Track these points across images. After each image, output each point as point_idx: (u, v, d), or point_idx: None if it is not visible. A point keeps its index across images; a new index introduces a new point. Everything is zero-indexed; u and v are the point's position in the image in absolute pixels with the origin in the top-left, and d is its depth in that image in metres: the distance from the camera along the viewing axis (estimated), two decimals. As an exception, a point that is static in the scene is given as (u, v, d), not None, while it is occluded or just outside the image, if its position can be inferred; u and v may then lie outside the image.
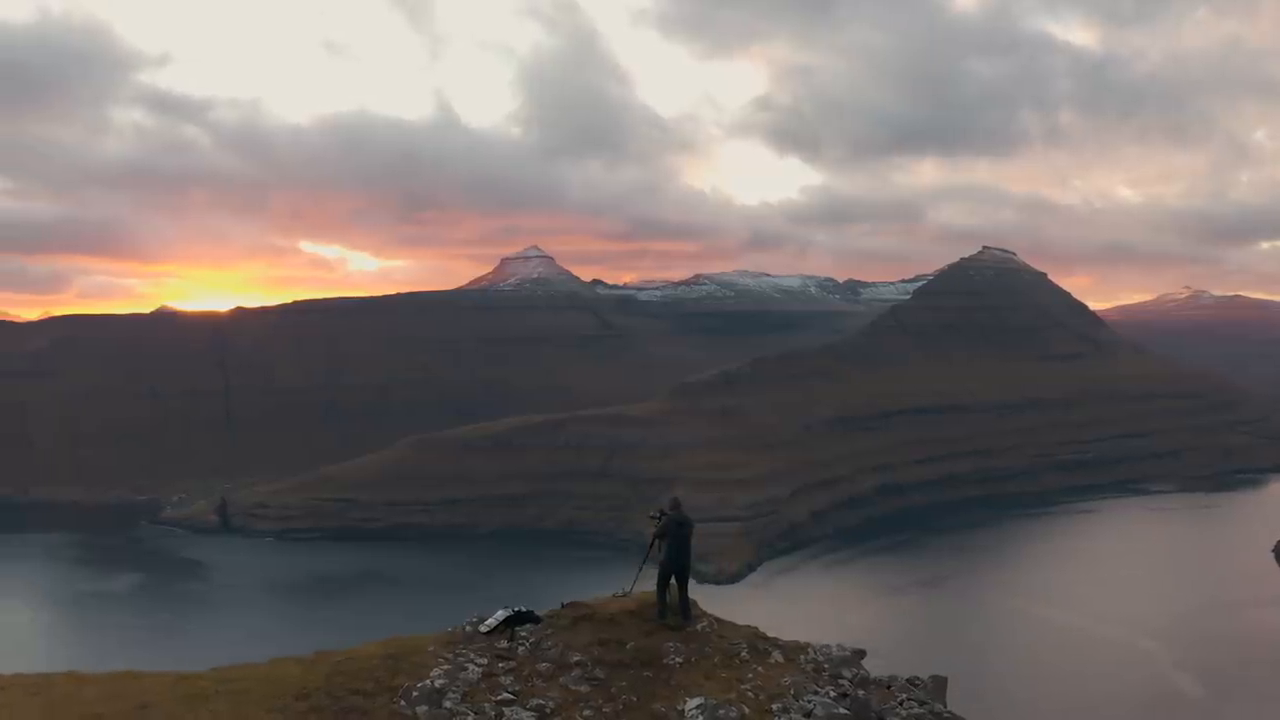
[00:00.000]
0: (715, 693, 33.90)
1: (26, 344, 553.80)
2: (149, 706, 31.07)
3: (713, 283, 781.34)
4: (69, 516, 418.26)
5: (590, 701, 33.25)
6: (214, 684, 32.99)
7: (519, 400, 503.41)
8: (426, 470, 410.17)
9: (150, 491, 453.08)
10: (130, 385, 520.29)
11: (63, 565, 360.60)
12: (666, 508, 41.16)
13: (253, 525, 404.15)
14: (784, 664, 36.90)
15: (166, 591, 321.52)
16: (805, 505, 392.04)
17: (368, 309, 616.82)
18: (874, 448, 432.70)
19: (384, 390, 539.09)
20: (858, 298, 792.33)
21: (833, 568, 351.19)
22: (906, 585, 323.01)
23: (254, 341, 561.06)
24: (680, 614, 39.09)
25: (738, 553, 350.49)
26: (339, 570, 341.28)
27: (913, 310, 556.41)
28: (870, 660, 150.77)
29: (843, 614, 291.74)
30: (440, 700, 32.24)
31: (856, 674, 36.70)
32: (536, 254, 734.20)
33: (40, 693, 32.53)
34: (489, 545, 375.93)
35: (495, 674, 34.26)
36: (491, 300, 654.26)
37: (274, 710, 31.12)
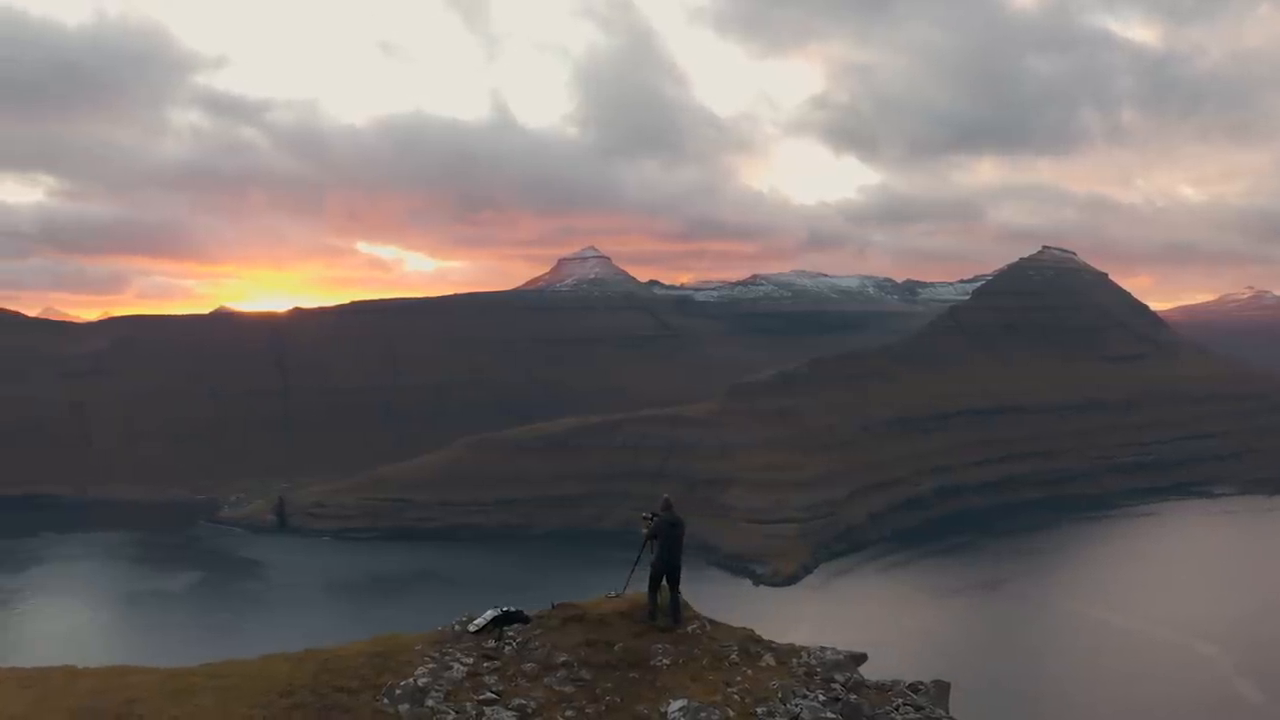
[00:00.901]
0: (700, 695, 33.55)
1: (86, 344, 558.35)
2: (137, 701, 31.31)
3: (770, 283, 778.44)
4: (128, 516, 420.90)
5: (573, 702, 32.97)
6: (203, 679, 33.14)
7: (575, 401, 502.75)
8: (483, 471, 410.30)
9: (208, 491, 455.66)
10: (189, 385, 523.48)
11: (122, 564, 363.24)
12: (659, 508, 40.38)
13: (310, 525, 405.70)
14: (775, 667, 36.28)
15: (224, 590, 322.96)
16: (862, 507, 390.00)
17: (424, 309, 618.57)
18: (932, 449, 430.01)
19: (441, 391, 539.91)
20: (916, 298, 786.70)
21: (890, 570, 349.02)
22: (964, 588, 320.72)
23: (311, 342, 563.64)
24: (671, 615, 38.44)
25: (794, 554, 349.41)
26: (395, 570, 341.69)
27: (971, 311, 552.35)
28: (922, 664, 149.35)
29: (899, 617, 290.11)
30: (423, 699, 32.16)
31: (850, 678, 36.02)
32: (593, 254, 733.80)
33: (33, 686, 32.94)
34: (545, 545, 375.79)
35: (480, 673, 34.05)
36: (548, 301, 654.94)
37: (257, 706, 31.17)
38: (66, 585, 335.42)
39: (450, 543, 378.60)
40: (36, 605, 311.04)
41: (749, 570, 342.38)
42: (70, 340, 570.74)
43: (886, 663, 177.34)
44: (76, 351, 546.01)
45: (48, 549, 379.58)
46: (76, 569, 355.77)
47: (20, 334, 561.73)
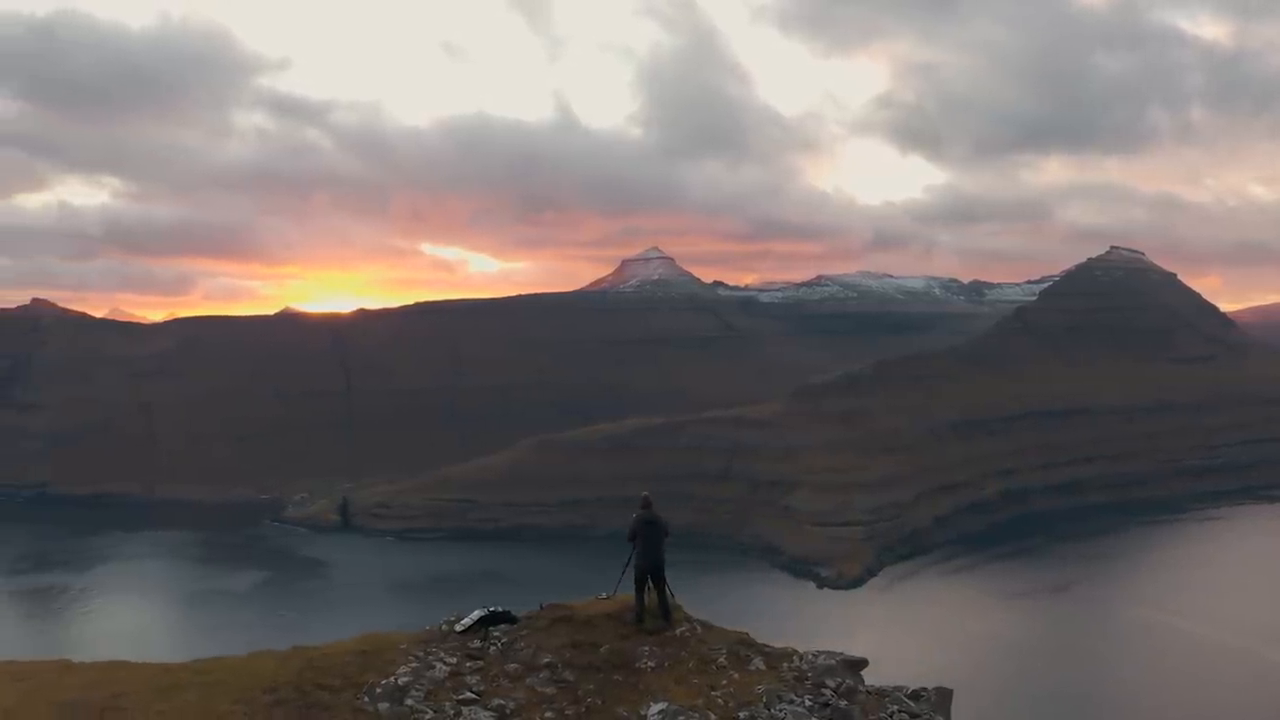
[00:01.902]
0: (683, 698, 33.19)
1: (153, 345, 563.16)
2: (123, 695, 31.54)
3: (835, 283, 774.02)
4: (194, 515, 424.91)
5: (554, 703, 32.74)
6: (191, 676, 33.38)
7: (638, 402, 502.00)
8: (546, 471, 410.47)
9: (273, 491, 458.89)
10: (254, 386, 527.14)
11: (188, 563, 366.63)
12: (639, 507, 39.86)
13: (373, 525, 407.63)
14: (764, 671, 35.55)
15: (289, 589, 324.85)
16: (927, 510, 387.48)
17: (488, 310, 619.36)
18: (998, 452, 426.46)
19: (504, 392, 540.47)
20: (982, 299, 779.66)
21: (954, 574, 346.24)
22: (1029, 592, 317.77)
23: (376, 343, 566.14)
24: (660, 617, 37.87)
25: (858, 557, 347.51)
26: (459, 570, 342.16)
27: (1038, 312, 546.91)
28: (983, 668, 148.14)
29: (963, 621, 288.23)
30: (402, 698, 32.09)
31: (842, 683, 35.15)
32: (657, 255, 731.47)
33: (25, 679, 33.25)
34: (608, 546, 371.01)
35: (462, 673, 33.94)
36: (611, 302, 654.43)
37: (239, 702, 31.29)
38: (133, 583, 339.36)
39: (513, 543, 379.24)
40: (104, 603, 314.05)
41: (812, 573, 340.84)
42: (137, 341, 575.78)
43: (945, 667, 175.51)
44: (143, 352, 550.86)
45: (115, 547, 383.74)
46: (143, 567, 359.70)
47: (88, 335, 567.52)
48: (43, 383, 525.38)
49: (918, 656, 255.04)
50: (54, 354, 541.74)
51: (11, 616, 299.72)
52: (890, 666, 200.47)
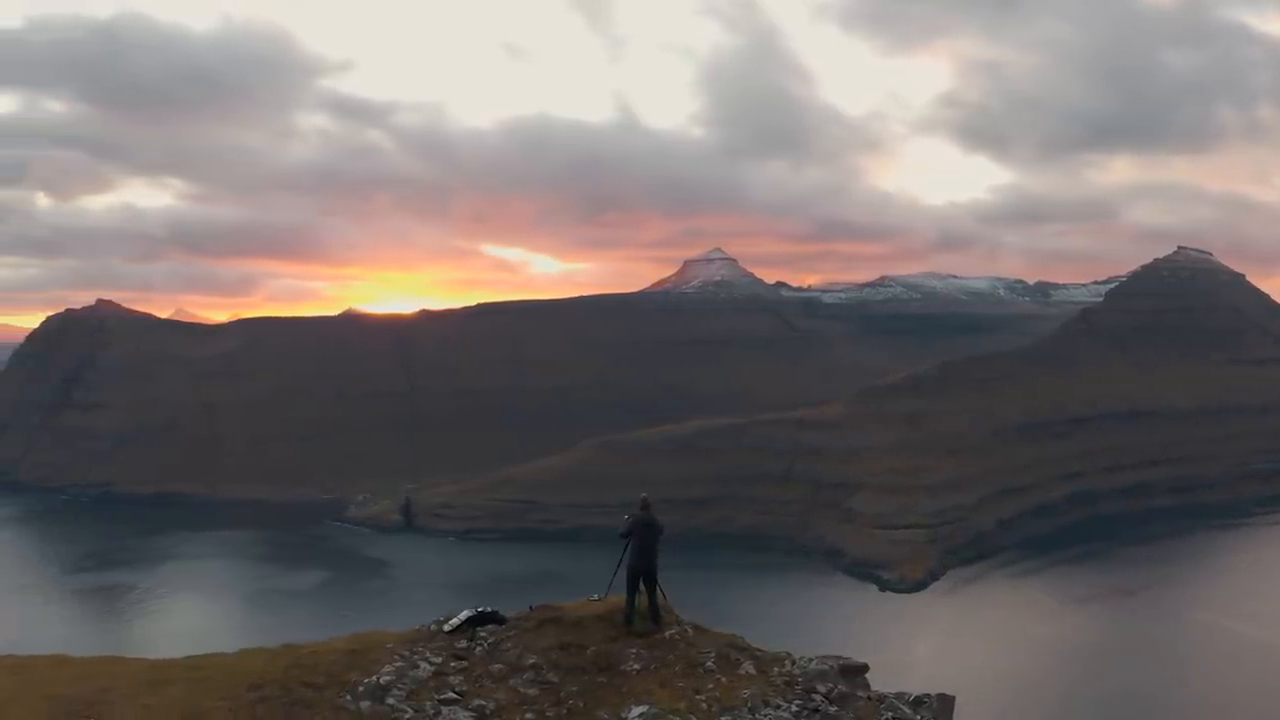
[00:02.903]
0: (667, 701, 32.76)
1: (216, 346, 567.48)
2: (111, 690, 32.06)
3: (899, 284, 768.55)
4: (257, 515, 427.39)
5: (535, 705, 32.57)
6: (180, 671, 33.78)
7: (701, 403, 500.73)
8: (608, 472, 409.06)
9: (335, 491, 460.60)
10: (317, 386, 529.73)
11: (251, 562, 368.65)
12: (637, 508, 39.83)
13: (435, 525, 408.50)
14: (753, 675, 35.05)
15: (351, 589, 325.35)
16: (992, 513, 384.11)
17: (550, 311, 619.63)
18: (1064, 454, 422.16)
19: (566, 392, 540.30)
20: (1048, 300, 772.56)
21: (1019, 578, 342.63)
22: (1094, 596, 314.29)
23: (438, 343, 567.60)
24: (650, 620, 37.43)
25: (921, 560, 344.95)
26: (520, 570, 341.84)
27: (1104, 313, 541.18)
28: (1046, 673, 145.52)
29: (1028, 625, 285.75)
30: (384, 697, 32.14)
31: (833, 689, 34.41)
32: (719, 256, 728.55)
33: (19, 672, 33.84)
34: (669, 548, 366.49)
35: (446, 673, 33.90)
36: (673, 303, 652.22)
37: (224, 699, 31.55)
38: (197, 582, 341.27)
39: (574, 544, 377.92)
40: (169, 602, 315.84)
41: (875, 576, 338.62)
42: (200, 341, 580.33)
43: (1008, 671, 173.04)
44: (207, 353, 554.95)
45: (178, 547, 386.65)
46: (207, 567, 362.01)
47: (152, 335, 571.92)
48: (107, 383, 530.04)
49: (981, 660, 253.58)
50: (118, 355, 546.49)
51: (77, 614, 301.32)
52: (949, 670, 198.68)
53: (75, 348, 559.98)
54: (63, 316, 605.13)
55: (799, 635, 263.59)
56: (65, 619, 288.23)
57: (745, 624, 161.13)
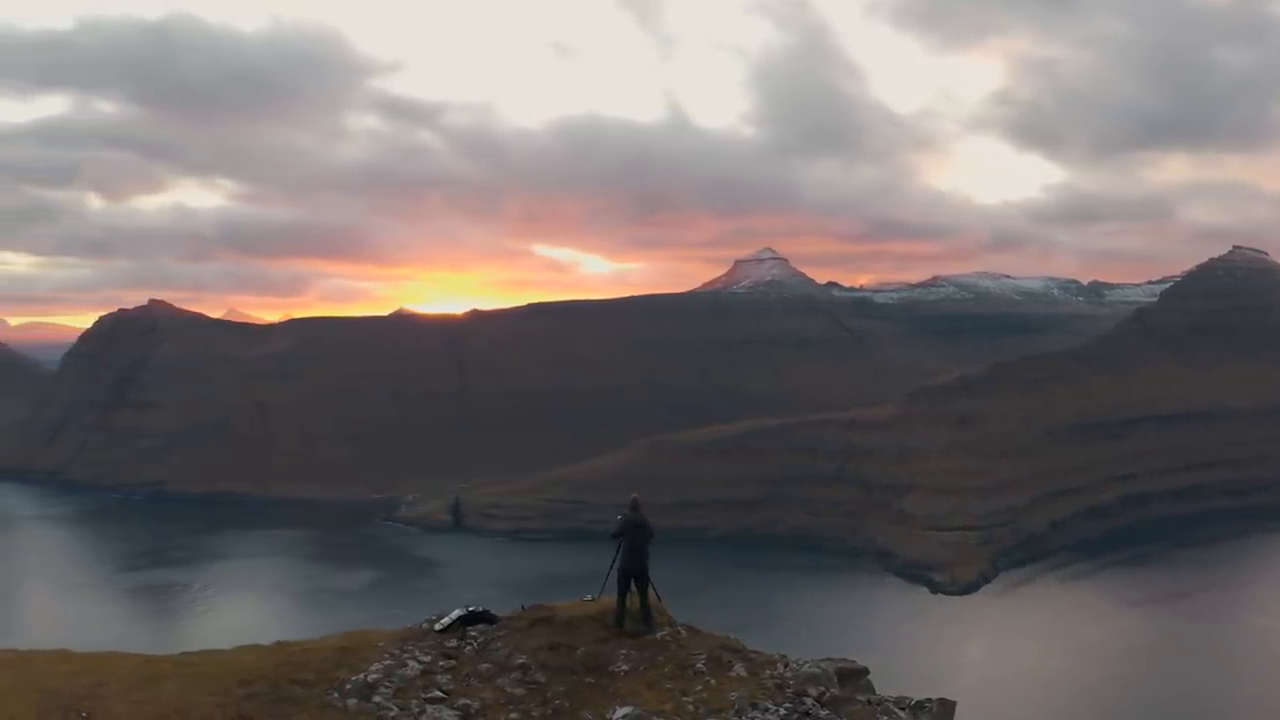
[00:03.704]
0: (653, 703, 32.52)
1: (268, 345, 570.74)
2: (106, 684, 32.16)
3: (951, 284, 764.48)
4: (308, 514, 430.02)
5: (521, 704, 32.37)
6: (173, 667, 33.98)
7: (752, 404, 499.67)
8: (658, 473, 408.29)
9: (386, 490, 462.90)
10: (368, 386, 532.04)
11: (302, 561, 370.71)
12: (628, 508, 39.53)
13: (485, 525, 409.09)
14: (744, 678, 34.56)
15: (401, 588, 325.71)
16: (1044, 514, 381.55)
17: (601, 311, 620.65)
18: (1117, 456, 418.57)
19: (616, 393, 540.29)
20: (1101, 300, 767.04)
21: (1071, 580, 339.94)
22: (1147, 600, 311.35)
23: (489, 343, 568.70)
24: (642, 621, 37.15)
25: (972, 562, 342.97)
26: (569, 570, 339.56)
27: (1159, 312, 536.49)
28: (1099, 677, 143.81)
29: (1081, 628, 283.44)
30: (370, 695, 32.10)
31: (824, 692, 33.84)
32: (770, 256, 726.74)
33: (18, 667, 34.11)
34: (719, 549, 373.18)
35: (434, 672, 33.84)
36: (724, 303, 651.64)
37: (215, 694, 31.61)
38: (249, 580, 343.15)
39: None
40: (220, 600, 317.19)
41: (926, 578, 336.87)
42: (252, 341, 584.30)
43: (1062, 674, 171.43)
44: (259, 353, 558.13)
45: (230, 546, 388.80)
46: (258, 565, 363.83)
47: (204, 335, 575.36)
48: (160, 383, 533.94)
49: (1033, 663, 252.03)
50: (171, 355, 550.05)
51: (130, 612, 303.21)
52: (1001, 673, 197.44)
53: (128, 348, 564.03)
54: (115, 317, 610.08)
55: (848, 637, 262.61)
56: (119, 617, 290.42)
57: (794, 624, 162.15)
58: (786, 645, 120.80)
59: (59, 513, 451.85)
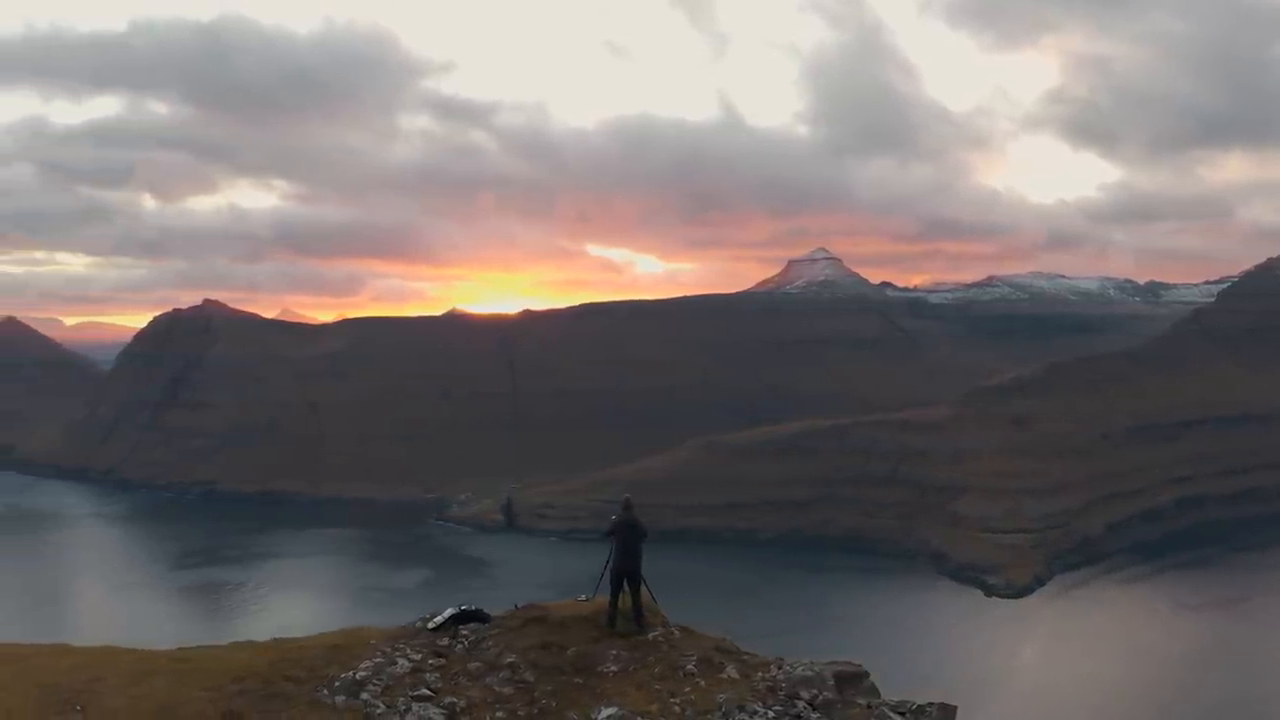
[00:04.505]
0: (640, 703, 32.21)
1: (321, 345, 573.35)
2: (102, 679, 32.50)
3: (1006, 284, 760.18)
4: (360, 514, 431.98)
5: (507, 703, 32.19)
6: (168, 663, 34.24)
7: (804, 404, 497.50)
8: (710, 473, 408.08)
9: (438, 490, 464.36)
10: (421, 386, 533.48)
11: (354, 560, 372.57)
12: (620, 508, 39.56)
13: (537, 525, 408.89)
14: (735, 680, 34.06)
15: (452, 587, 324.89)
16: (1099, 517, 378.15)
17: (653, 312, 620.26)
18: (1174, 458, 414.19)
19: (669, 393, 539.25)
20: (1158, 300, 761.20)
21: (1127, 584, 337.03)
22: (1203, 604, 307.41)
23: (541, 344, 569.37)
24: (634, 621, 37.04)
25: (1027, 565, 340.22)
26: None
27: (1216, 313, 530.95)
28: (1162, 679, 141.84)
29: (1136, 632, 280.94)
30: (358, 692, 32.18)
31: (817, 695, 33.18)
32: (823, 256, 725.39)
33: (19, 661, 34.48)
34: (771, 550, 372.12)
35: (424, 670, 33.82)
36: (777, 303, 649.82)
37: (207, 689, 31.90)
38: (301, 579, 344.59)
39: (676, 545, 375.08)
40: (272, 598, 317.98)
41: (980, 581, 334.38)
42: (306, 341, 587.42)
43: (1119, 679, 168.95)
44: (312, 353, 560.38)
45: (283, 545, 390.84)
46: (310, 564, 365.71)
47: (257, 335, 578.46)
48: (213, 383, 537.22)
49: (1091, 668, 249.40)
50: (225, 354, 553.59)
51: (183, 610, 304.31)
52: (1054, 677, 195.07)
53: (182, 348, 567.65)
54: (170, 317, 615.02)
55: (901, 639, 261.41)
56: (171, 615, 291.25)
57: (846, 627, 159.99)
58: (836, 649, 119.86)
59: (112, 511, 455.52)
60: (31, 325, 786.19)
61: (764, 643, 45.32)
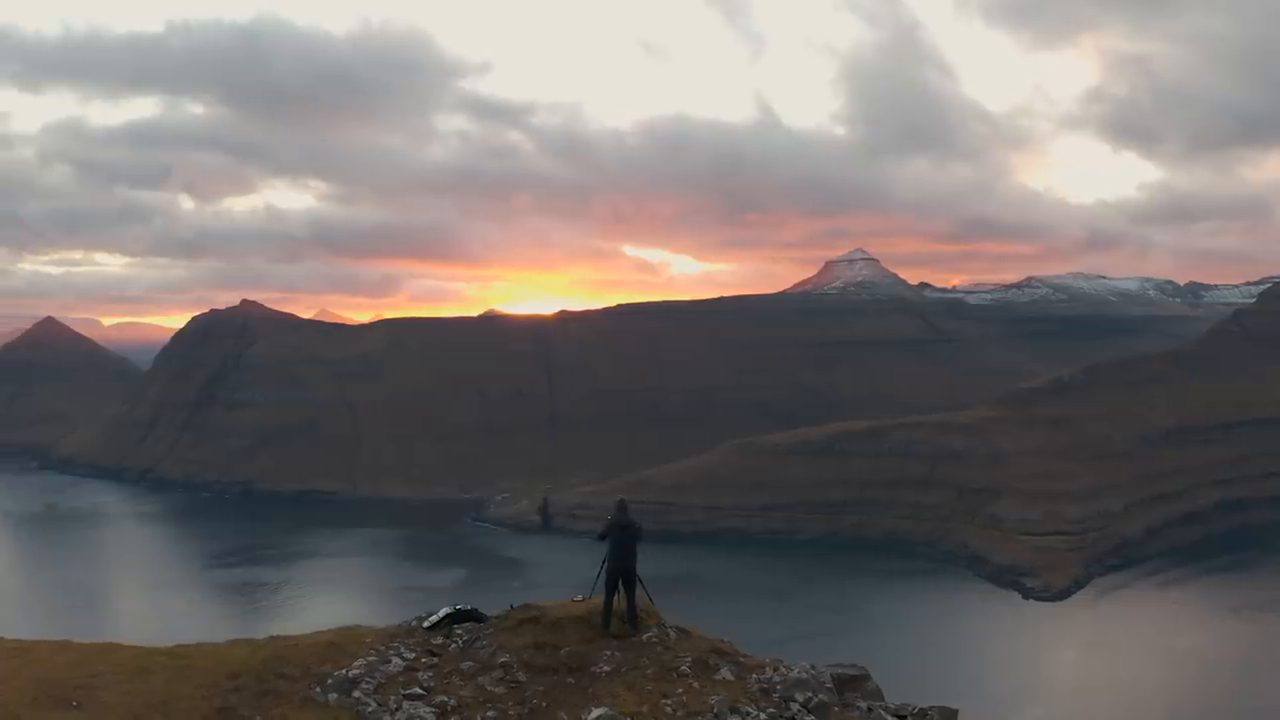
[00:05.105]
0: (631, 704, 31.98)
1: (359, 346, 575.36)
2: (99, 675, 32.83)
3: (1045, 285, 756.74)
4: (396, 513, 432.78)
5: (498, 703, 32.11)
6: (166, 659, 34.42)
7: (841, 406, 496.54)
8: (746, 475, 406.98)
9: (474, 490, 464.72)
10: (458, 386, 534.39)
11: (390, 560, 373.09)
12: (614, 509, 39.77)
13: (573, 525, 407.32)
14: (729, 682, 33.84)
15: (489, 587, 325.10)
16: (1139, 520, 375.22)
17: (690, 312, 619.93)
18: (1214, 460, 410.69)
19: (705, 394, 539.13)
20: (1199, 301, 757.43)
21: (1166, 587, 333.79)
22: (1245, 607, 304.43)
23: (577, 344, 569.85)
24: (628, 622, 37.21)
25: (1065, 568, 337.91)
26: (656, 572, 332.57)
27: (1258, 314, 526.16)
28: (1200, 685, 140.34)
29: (1175, 636, 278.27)
30: (351, 690, 32.29)
31: (812, 698, 32.95)
32: (861, 256, 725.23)
33: (20, 655, 34.80)
34: (807, 552, 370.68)
35: (417, 669, 33.95)
36: (815, 304, 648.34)
37: (202, 686, 32.13)
38: (338, 579, 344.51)
39: (712, 546, 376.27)
40: (309, 598, 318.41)
41: (1018, 584, 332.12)
42: (343, 341, 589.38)
43: (1160, 685, 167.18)
44: (349, 353, 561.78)
45: (320, 544, 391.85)
46: (348, 564, 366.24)
47: (295, 335, 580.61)
48: (251, 382, 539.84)
49: (1130, 671, 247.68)
50: (262, 354, 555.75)
51: (219, 609, 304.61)
52: (1093, 680, 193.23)
53: (220, 348, 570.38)
54: (208, 317, 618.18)
55: (939, 642, 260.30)
56: (209, 614, 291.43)
57: (884, 629, 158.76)
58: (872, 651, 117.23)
59: (150, 510, 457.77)
60: (70, 325, 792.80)
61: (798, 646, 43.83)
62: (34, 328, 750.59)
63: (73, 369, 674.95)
